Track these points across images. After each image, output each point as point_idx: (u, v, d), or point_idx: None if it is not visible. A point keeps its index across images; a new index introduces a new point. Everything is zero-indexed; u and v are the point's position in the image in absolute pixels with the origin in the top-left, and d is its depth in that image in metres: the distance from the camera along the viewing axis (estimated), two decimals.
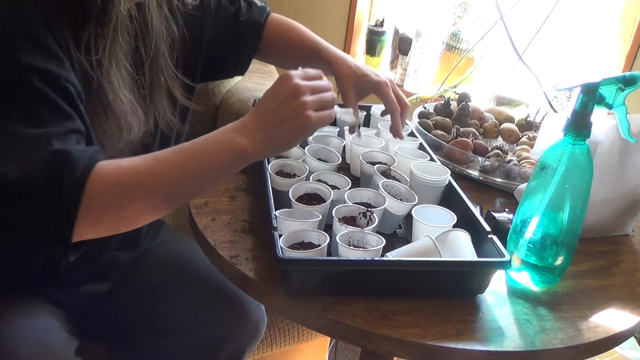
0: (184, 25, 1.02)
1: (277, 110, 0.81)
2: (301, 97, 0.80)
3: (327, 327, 0.81)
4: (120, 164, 0.76)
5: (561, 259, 0.92)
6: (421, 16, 2.39)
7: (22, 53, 0.74)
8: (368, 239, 0.88)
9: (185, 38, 1.03)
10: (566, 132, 0.86)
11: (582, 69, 2.15)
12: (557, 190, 0.87)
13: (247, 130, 0.80)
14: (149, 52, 0.96)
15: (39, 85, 0.74)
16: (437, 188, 1.04)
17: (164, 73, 0.99)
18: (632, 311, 0.91)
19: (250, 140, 0.79)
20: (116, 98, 0.88)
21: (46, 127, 0.73)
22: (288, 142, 0.83)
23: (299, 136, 0.82)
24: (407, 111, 1.07)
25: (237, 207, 1.02)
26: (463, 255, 0.87)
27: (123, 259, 1.11)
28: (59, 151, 0.72)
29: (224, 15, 1.13)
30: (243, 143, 0.79)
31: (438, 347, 0.78)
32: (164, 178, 0.78)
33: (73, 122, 0.77)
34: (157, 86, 0.98)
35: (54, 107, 0.75)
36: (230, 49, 1.15)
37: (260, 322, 1.15)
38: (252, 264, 0.87)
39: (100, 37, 0.83)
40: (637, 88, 0.89)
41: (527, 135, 1.38)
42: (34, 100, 0.74)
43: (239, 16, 1.15)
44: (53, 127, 0.74)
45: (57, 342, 0.94)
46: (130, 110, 0.90)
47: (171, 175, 0.78)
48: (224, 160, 0.80)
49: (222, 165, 0.80)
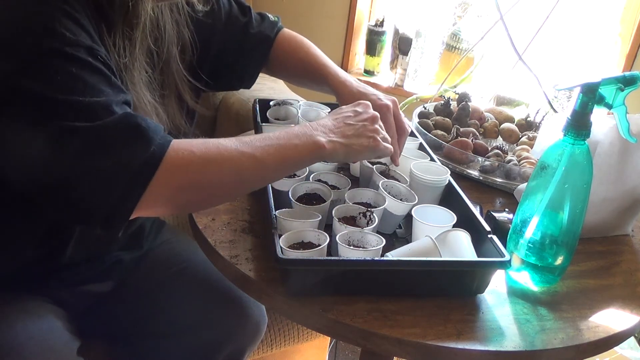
0: (194, 31, 1.03)
1: (357, 125, 0.89)
2: (376, 124, 0.91)
3: (327, 327, 0.81)
4: (205, 139, 0.79)
5: (561, 258, 0.92)
6: (421, 16, 2.39)
7: (66, 31, 0.74)
8: (368, 239, 0.88)
9: (194, 42, 1.03)
10: (566, 132, 0.86)
11: (582, 69, 2.16)
12: (557, 190, 0.87)
13: (327, 129, 0.87)
14: (162, 55, 0.97)
15: (87, 58, 0.75)
16: (437, 188, 1.04)
17: (174, 76, 1.00)
18: (632, 311, 0.91)
19: (328, 140, 0.85)
20: (140, 99, 0.89)
21: (105, 97, 0.74)
22: (357, 154, 0.89)
23: (366, 154, 0.90)
24: (405, 136, 1.04)
25: (237, 207, 1.02)
26: (463, 255, 0.87)
27: (126, 258, 1.12)
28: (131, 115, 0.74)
29: (234, 25, 1.14)
30: (322, 140, 0.85)
31: (438, 347, 0.78)
32: (248, 158, 0.80)
33: (125, 94, 0.78)
34: (167, 89, 0.99)
35: (107, 78, 0.76)
36: (239, 60, 1.16)
37: (260, 322, 1.16)
38: (252, 264, 0.88)
39: (128, 38, 0.85)
40: (637, 88, 0.89)
41: (527, 135, 1.38)
42: (86, 72, 0.74)
43: (250, 28, 1.15)
44: (111, 97, 0.75)
45: (60, 342, 0.94)
46: (153, 111, 0.92)
47: (255, 156, 0.80)
48: (302, 152, 0.84)
49: (300, 156, 0.84)
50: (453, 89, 1.73)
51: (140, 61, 0.89)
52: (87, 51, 0.75)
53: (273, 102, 1.27)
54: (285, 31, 1.20)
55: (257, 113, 1.22)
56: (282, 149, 0.83)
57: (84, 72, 0.74)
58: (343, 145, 0.87)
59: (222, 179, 0.80)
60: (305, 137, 0.84)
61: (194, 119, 1.11)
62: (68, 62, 0.73)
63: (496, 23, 1.67)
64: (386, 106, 1.01)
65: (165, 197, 0.76)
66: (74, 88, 0.73)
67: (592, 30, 2.16)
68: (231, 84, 1.24)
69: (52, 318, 0.96)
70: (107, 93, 0.75)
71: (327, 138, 0.86)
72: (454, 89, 1.72)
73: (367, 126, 0.90)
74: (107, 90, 0.75)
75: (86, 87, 0.73)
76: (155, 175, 0.73)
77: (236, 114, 1.67)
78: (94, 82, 0.75)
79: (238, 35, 1.14)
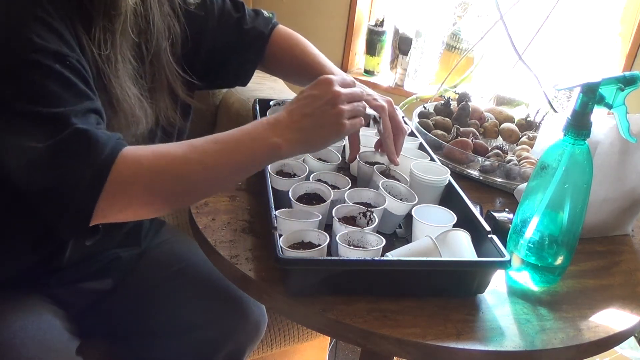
0: (186, 23, 1.02)
1: (315, 113, 0.83)
2: (339, 105, 0.83)
3: (327, 327, 0.81)
4: (155, 147, 0.78)
5: (561, 258, 0.92)
6: (421, 16, 2.39)
7: (34, 35, 0.74)
8: (368, 239, 0.88)
9: (186, 36, 1.03)
10: (566, 132, 0.86)
11: (582, 69, 2.16)
12: (557, 190, 0.87)
13: (282, 126, 0.82)
14: (150, 48, 0.96)
15: (53, 65, 0.74)
16: (437, 188, 1.04)
17: (165, 69, 0.99)
18: (632, 311, 0.91)
19: (284, 139, 0.82)
20: (124, 93, 0.88)
21: (64, 107, 0.74)
22: (320, 145, 0.86)
23: (331, 141, 0.86)
24: (402, 137, 1.01)
25: (237, 207, 1.02)
26: (463, 255, 0.87)
27: (124, 256, 1.12)
28: (82, 130, 0.73)
29: (227, 21, 1.13)
30: (277, 141, 0.81)
31: (438, 346, 0.78)
32: (198, 165, 0.79)
33: (92, 101, 0.78)
34: (158, 82, 0.99)
35: (71, 86, 0.76)
36: (233, 56, 1.15)
37: (260, 321, 1.16)
38: (252, 264, 0.88)
39: (109, 31, 0.84)
40: (637, 88, 0.89)
41: (527, 135, 1.38)
42: (49, 80, 0.74)
43: (243, 24, 1.14)
44: (71, 107, 0.74)
45: (59, 341, 0.94)
46: (137, 104, 0.91)
47: (207, 164, 0.79)
48: (257, 155, 0.82)
49: (254, 159, 0.82)
50: (453, 89, 1.73)
51: (124, 54, 0.88)
52: (54, 57, 0.75)
53: (273, 102, 1.27)
54: (281, 28, 1.20)
55: (257, 113, 1.23)
56: (236, 155, 0.81)
57: (48, 80, 0.74)
58: (301, 141, 0.83)
59: (174, 189, 0.79)
60: (260, 140, 0.81)
61: (189, 114, 1.11)
62: (32, 69, 0.74)
63: (496, 23, 1.67)
64: (381, 106, 0.98)
65: (120, 207, 0.76)
66: (33, 97, 0.73)
67: (592, 29, 2.16)
68: (227, 81, 1.24)
69: (51, 317, 0.96)
70: (69, 102, 0.75)
71: (282, 137, 0.82)
72: (454, 89, 1.72)
73: (328, 111, 0.83)
74: (70, 99, 0.75)
75: (46, 97, 0.74)
76: (104, 189, 0.73)
77: (236, 114, 1.67)
78: (56, 91, 0.74)
79: (232, 31, 1.14)
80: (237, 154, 0.81)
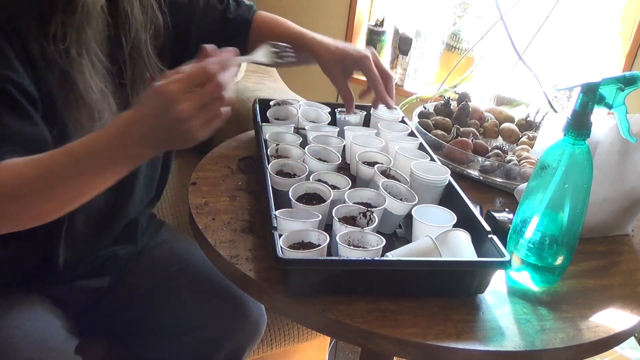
0: (171, 14, 1.02)
1: (160, 129, 0.75)
2: (186, 123, 0.74)
3: (327, 327, 0.81)
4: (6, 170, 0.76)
5: (561, 258, 0.92)
6: (421, 16, 2.39)
7: None
8: (368, 239, 0.88)
9: (170, 28, 1.02)
10: (566, 132, 0.86)
11: (582, 69, 2.16)
12: (557, 190, 0.87)
13: (137, 136, 0.76)
14: (129, 41, 0.95)
15: None
16: (437, 188, 1.04)
17: (145, 61, 0.98)
18: (632, 311, 0.91)
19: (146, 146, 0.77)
20: (87, 88, 0.87)
21: None
22: (183, 146, 0.78)
23: (191, 144, 0.77)
24: (391, 81, 1.09)
25: (237, 207, 1.02)
26: (463, 255, 0.87)
27: (121, 254, 1.12)
28: None
29: (212, 14, 1.13)
30: (139, 152, 0.78)
31: (438, 347, 0.78)
32: (44, 194, 0.78)
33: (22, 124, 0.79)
34: (139, 76, 0.98)
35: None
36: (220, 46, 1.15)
37: (260, 321, 1.16)
38: (252, 264, 0.88)
39: (68, 26, 0.83)
40: (637, 88, 0.89)
41: (527, 135, 1.38)
42: None
43: (227, 14, 1.15)
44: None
45: (58, 341, 0.94)
46: (101, 98, 0.89)
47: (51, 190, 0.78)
48: (110, 177, 0.79)
49: (107, 182, 0.80)
50: (453, 89, 1.73)
51: (92, 49, 0.87)
52: None
53: (273, 102, 1.27)
54: (262, 12, 1.20)
55: (257, 113, 1.22)
56: (85, 180, 0.78)
57: None
58: (160, 146, 0.80)
59: (23, 215, 0.79)
60: (119, 155, 0.77)
61: None
62: None
63: (496, 23, 1.67)
64: (365, 56, 1.05)
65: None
66: None
67: (592, 29, 2.16)
68: None
69: (49, 316, 0.96)
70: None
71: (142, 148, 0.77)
72: (454, 89, 1.72)
73: (178, 128, 0.74)
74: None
75: None
76: None
77: (236, 114, 1.67)
78: None
79: (217, 23, 1.14)
80: (89, 178, 0.78)
